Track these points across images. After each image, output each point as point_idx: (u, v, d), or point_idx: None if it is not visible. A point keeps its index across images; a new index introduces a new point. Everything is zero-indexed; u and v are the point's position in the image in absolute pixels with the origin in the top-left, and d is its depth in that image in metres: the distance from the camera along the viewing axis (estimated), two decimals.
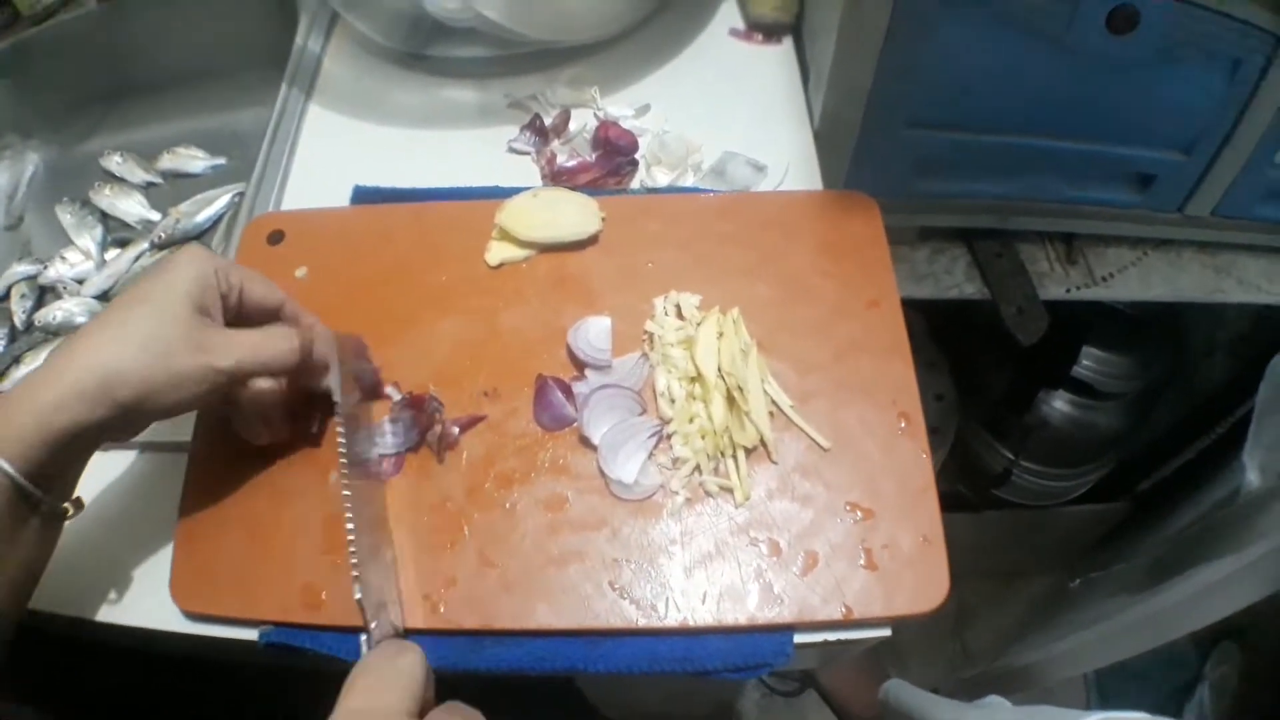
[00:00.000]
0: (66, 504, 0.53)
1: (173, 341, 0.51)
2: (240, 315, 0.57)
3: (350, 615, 0.56)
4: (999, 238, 0.93)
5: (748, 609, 0.55)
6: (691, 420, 0.61)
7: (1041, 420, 1.25)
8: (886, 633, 0.57)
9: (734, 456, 0.60)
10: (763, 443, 0.60)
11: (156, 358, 0.50)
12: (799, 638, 0.56)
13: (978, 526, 1.46)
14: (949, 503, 0.55)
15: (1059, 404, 1.25)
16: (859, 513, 0.59)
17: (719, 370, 0.61)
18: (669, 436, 0.61)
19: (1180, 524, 1.20)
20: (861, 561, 0.57)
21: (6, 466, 0.46)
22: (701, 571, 0.57)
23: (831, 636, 0.57)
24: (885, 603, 0.56)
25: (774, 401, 0.62)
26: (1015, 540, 1.53)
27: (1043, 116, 0.79)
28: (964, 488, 1.43)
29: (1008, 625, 1.52)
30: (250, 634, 0.57)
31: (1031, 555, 1.59)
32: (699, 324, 0.64)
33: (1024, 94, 0.77)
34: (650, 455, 0.60)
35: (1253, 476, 0.86)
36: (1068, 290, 0.91)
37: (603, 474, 0.60)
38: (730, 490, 0.59)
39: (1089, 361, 1.17)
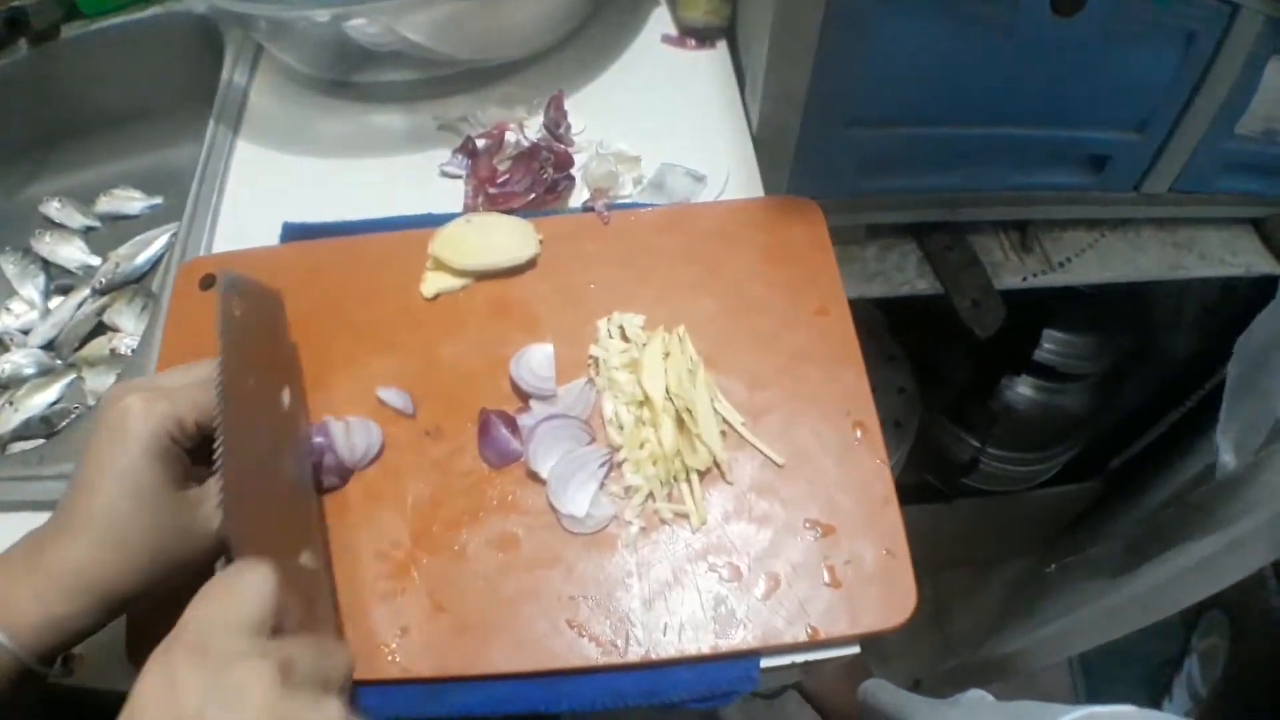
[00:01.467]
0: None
1: (158, 538, 0.48)
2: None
3: None
4: (949, 230, 0.91)
5: (711, 638, 0.54)
6: (642, 446, 0.59)
7: (1006, 406, 1.24)
8: (855, 650, 0.56)
9: (687, 480, 0.58)
10: (716, 464, 0.59)
11: (150, 559, 0.48)
12: (765, 661, 0.55)
13: (950, 516, 1.46)
14: (919, 495, 0.54)
15: (1023, 389, 1.24)
16: (819, 529, 0.57)
17: (666, 392, 0.60)
18: (620, 464, 0.59)
19: (1154, 502, 1.20)
20: (825, 580, 0.55)
21: (16, 650, 0.45)
22: (661, 602, 0.55)
23: (799, 659, 0.55)
24: (851, 620, 0.54)
25: (725, 420, 0.60)
26: (988, 527, 1.53)
27: (988, 105, 0.78)
28: (933, 478, 1.42)
29: (987, 613, 1.52)
30: None
31: (1006, 541, 1.59)
32: (644, 345, 0.62)
33: (967, 84, 0.75)
34: (601, 485, 0.59)
35: (1226, 457, 0.85)
36: (1024, 279, 0.90)
37: (553, 508, 0.58)
38: (685, 516, 0.58)
39: (1050, 345, 1.16)
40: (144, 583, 0.48)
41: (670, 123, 0.78)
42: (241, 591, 0.43)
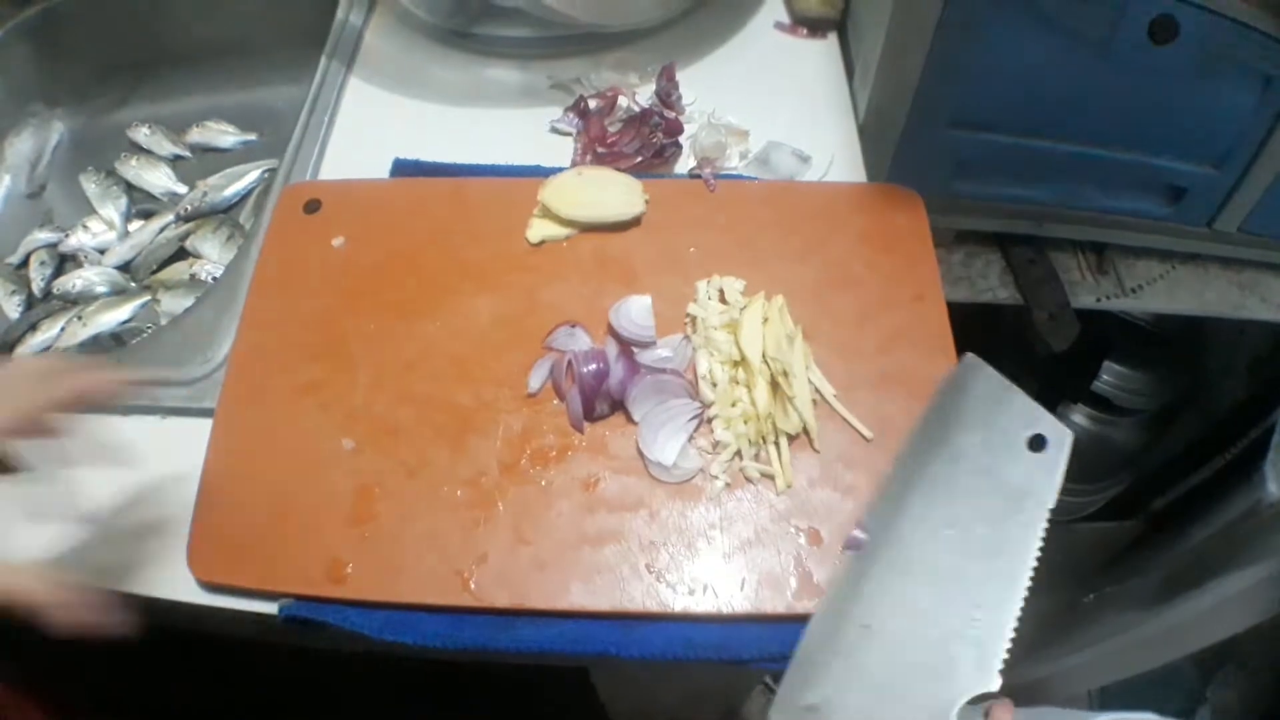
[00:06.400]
0: None
1: None
2: None
3: (377, 591, 0.55)
4: (1033, 244, 0.93)
5: (787, 598, 0.54)
6: (734, 405, 0.60)
7: None
8: None
9: (776, 443, 0.59)
10: (805, 430, 0.59)
11: None
12: None
13: None
14: None
15: (1077, 417, 1.24)
16: None
17: (763, 355, 0.60)
18: (710, 420, 0.60)
19: (1193, 543, 1.19)
20: None
21: None
22: (740, 557, 0.56)
23: None
24: None
25: (817, 389, 0.61)
26: None
27: (1081, 123, 0.79)
28: None
29: (1014, 644, 1.51)
30: (269, 607, 0.55)
31: (1041, 574, 1.58)
32: (743, 308, 0.63)
33: (1065, 100, 0.77)
34: (690, 439, 0.59)
35: (1273, 487, 0.85)
36: (1098, 299, 0.91)
37: (641, 455, 0.59)
38: (771, 477, 0.58)
39: (1109, 376, 1.16)
40: None
41: (777, 105, 0.79)
42: None
